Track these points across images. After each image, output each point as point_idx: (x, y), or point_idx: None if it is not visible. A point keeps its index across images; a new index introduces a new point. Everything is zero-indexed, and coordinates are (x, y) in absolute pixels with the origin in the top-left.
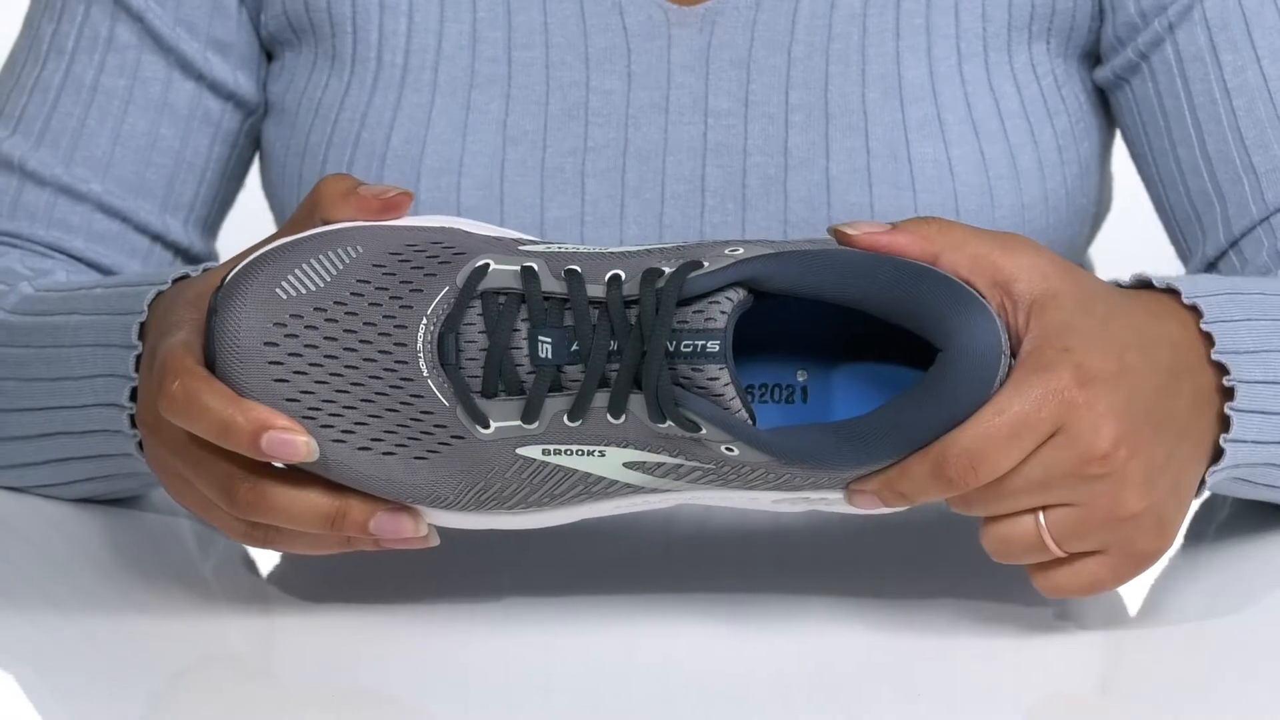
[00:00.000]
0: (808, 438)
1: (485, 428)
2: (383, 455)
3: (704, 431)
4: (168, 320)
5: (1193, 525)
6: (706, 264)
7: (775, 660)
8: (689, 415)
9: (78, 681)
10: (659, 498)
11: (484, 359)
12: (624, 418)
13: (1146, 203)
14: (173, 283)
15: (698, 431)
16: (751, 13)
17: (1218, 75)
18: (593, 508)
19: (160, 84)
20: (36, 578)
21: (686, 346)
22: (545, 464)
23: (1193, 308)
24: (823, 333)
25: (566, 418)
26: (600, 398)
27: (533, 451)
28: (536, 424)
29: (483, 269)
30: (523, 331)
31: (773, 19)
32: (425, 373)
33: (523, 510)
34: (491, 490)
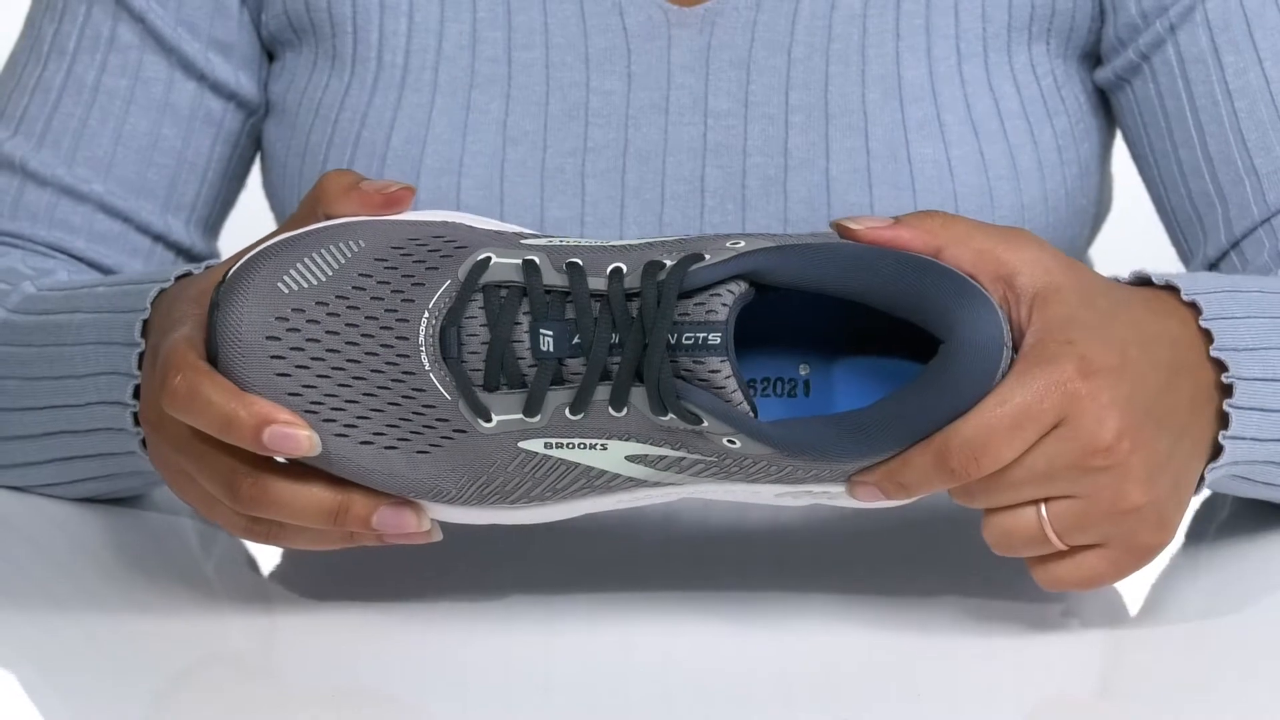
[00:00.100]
0: (809, 429)
1: (487, 421)
2: (385, 450)
3: (706, 424)
4: (170, 317)
5: (1193, 524)
6: (708, 257)
7: (776, 659)
8: (691, 408)
9: (80, 680)
10: (661, 491)
11: (486, 352)
12: (626, 411)
13: (1147, 203)
14: (175, 280)
15: (699, 424)
16: (751, 13)
17: (1219, 76)
18: (595, 502)
19: (162, 84)
20: (38, 577)
21: (688, 339)
22: (547, 457)
23: (1192, 304)
24: (825, 326)
25: (568, 411)
26: (602, 391)
27: (535, 445)
28: (538, 417)
29: (484, 262)
30: (524, 325)
31: (773, 19)
32: (427, 366)
33: (525, 504)
34: (494, 484)
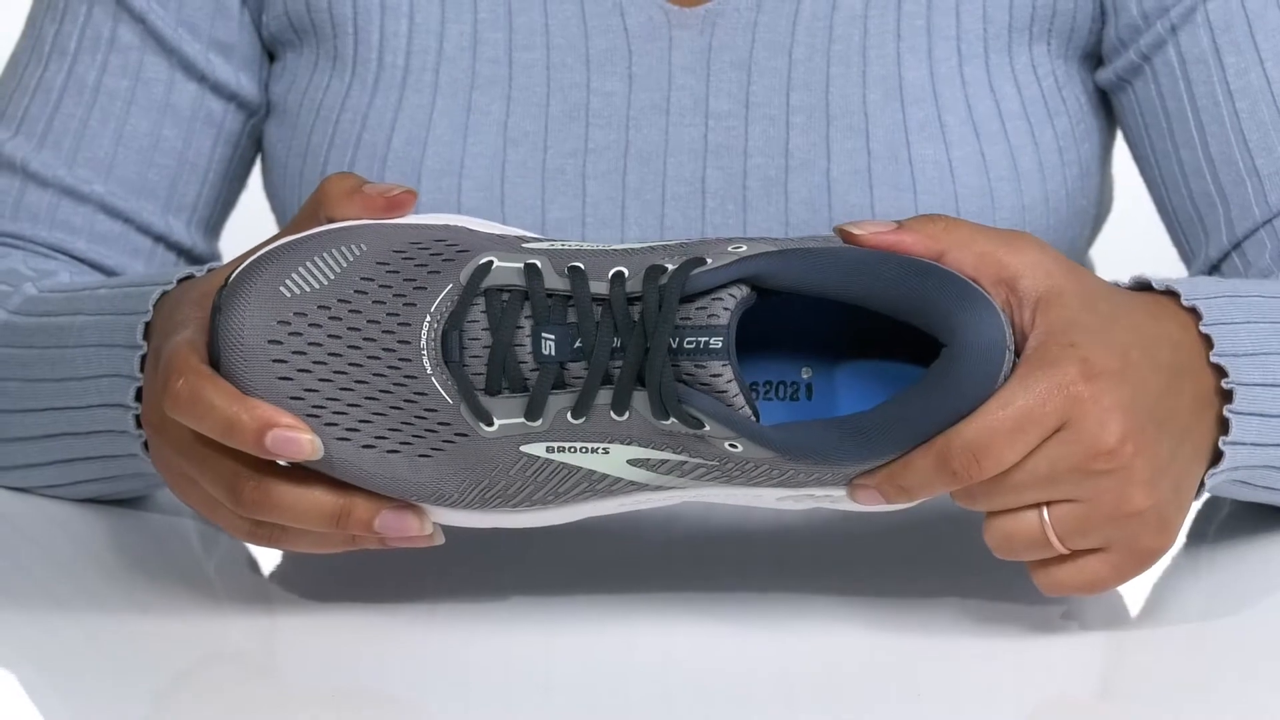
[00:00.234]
0: (811, 433)
1: (489, 425)
2: (387, 453)
3: (707, 428)
4: (173, 320)
5: (1193, 525)
6: (710, 261)
7: (776, 659)
8: (692, 412)
9: (81, 681)
10: (663, 495)
11: (487, 356)
12: (627, 415)
13: (1147, 204)
14: (177, 283)
15: (701, 428)
16: (752, 14)
17: (1220, 77)
18: (597, 505)
19: (162, 85)
20: (40, 577)
21: (689, 343)
22: (549, 461)
23: (1192, 310)
24: (827, 330)
25: (570, 415)
26: (604, 395)
27: (537, 449)
28: (540, 421)
29: (486, 266)
30: (526, 329)
31: (773, 20)
32: (429, 370)
33: (527, 508)
34: (496, 488)
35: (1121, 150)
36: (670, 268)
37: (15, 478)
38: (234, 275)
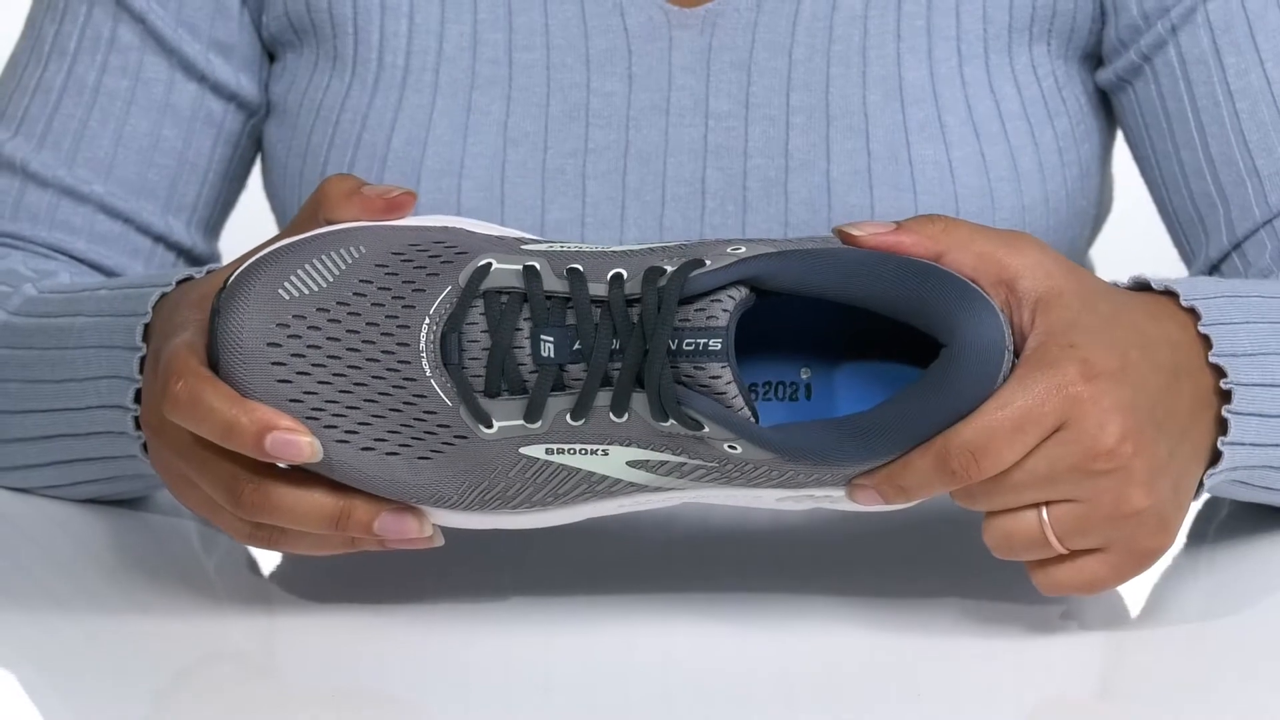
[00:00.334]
0: (810, 434)
1: (488, 427)
2: (386, 455)
3: (706, 430)
4: (172, 322)
5: (1193, 525)
6: (708, 263)
7: (776, 659)
8: (691, 414)
9: (81, 680)
10: (662, 496)
11: (486, 358)
12: (627, 416)
13: (1147, 205)
14: (176, 284)
15: (700, 430)
16: (752, 15)
17: (1221, 78)
18: (596, 507)
19: (162, 85)
20: (40, 577)
21: (688, 345)
22: (549, 463)
23: (1191, 310)
24: (826, 329)
25: (569, 417)
26: (603, 397)
27: (536, 451)
28: (539, 423)
29: (485, 268)
30: (525, 331)
31: (773, 21)
32: (428, 372)
33: (526, 510)
34: (495, 490)
35: (1121, 150)
36: (669, 269)
37: (15, 478)
38: (233, 278)
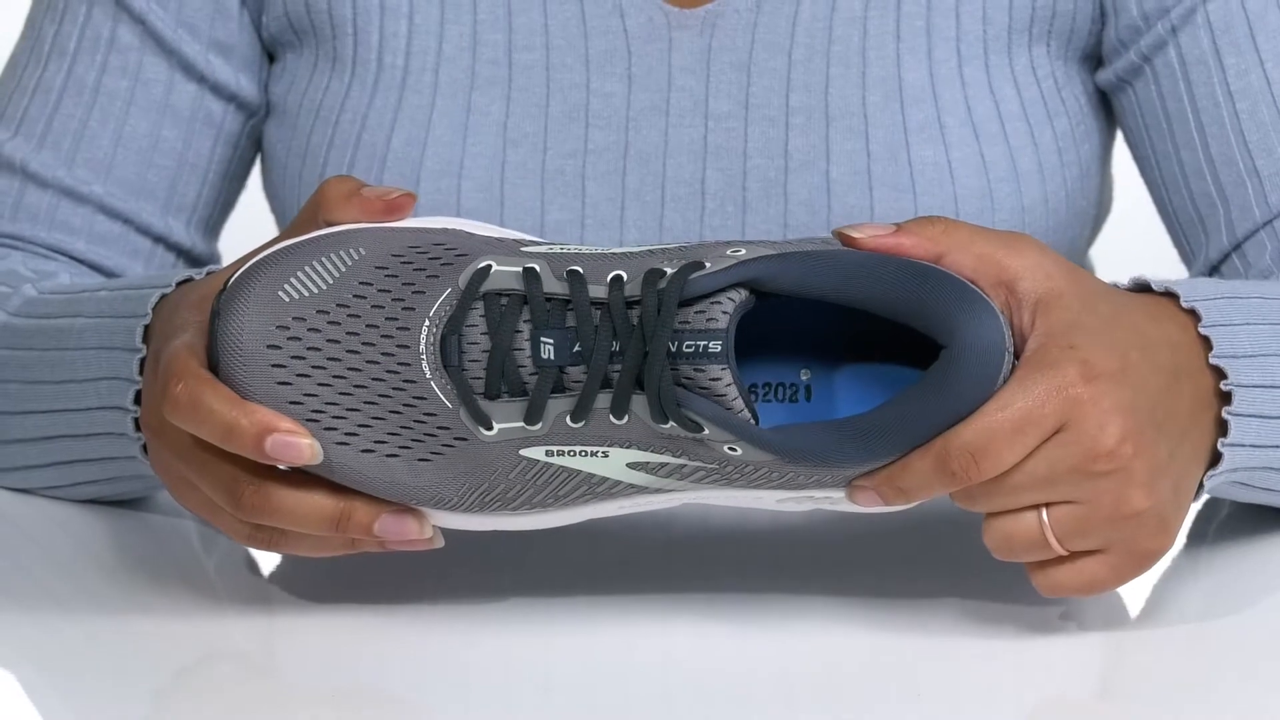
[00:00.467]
0: (810, 435)
1: (488, 429)
2: (386, 457)
3: (706, 432)
4: (172, 323)
5: (1192, 526)
6: (708, 265)
7: (776, 660)
8: (691, 416)
9: (81, 681)
10: (662, 498)
11: (486, 360)
12: (627, 418)
13: (1147, 205)
14: (176, 286)
15: (700, 432)
16: (752, 15)
17: (1221, 78)
18: (596, 508)
19: (162, 85)
20: (41, 577)
21: (688, 347)
22: (549, 465)
23: (1191, 311)
24: (826, 330)
25: (569, 419)
26: (603, 398)
27: (536, 453)
28: (539, 425)
29: (485, 270)
30: (525, 333)
31: (773, 21)
32: (428, 374)
33: (526, 511)
34: (495, 492)
35: (1121, 150)
36: (669, 271)
37: (15, 479)
38: (232, 280)
